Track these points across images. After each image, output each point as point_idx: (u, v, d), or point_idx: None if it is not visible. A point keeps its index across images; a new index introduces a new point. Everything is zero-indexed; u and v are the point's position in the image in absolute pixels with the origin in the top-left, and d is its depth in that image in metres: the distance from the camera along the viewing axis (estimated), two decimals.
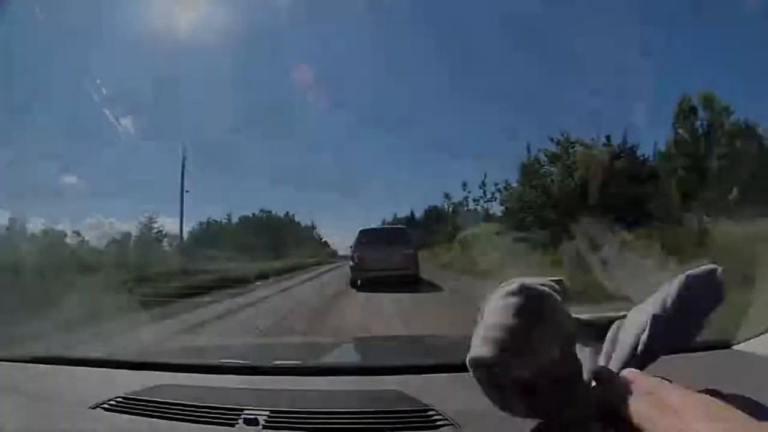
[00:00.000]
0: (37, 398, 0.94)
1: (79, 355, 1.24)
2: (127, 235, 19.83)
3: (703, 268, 0.65)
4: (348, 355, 1.51)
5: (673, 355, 0.93)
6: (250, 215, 25.55)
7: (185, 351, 1.83)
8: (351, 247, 8.80)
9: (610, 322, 0.71)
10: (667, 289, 0.62)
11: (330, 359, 1.35)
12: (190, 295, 6.81)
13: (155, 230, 20.76)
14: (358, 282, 7.86)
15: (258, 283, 9.49)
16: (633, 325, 0.62)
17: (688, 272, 0.63)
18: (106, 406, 0.87)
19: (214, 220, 25.15)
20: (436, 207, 21.77)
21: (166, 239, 20.90)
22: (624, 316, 0.74)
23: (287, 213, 27.08)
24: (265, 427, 0.77)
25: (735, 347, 1.01)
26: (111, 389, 0.92)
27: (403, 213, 22.96)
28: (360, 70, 21.06)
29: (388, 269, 7.62)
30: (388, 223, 20.20)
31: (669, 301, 0.60)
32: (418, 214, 22.66)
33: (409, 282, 7.59)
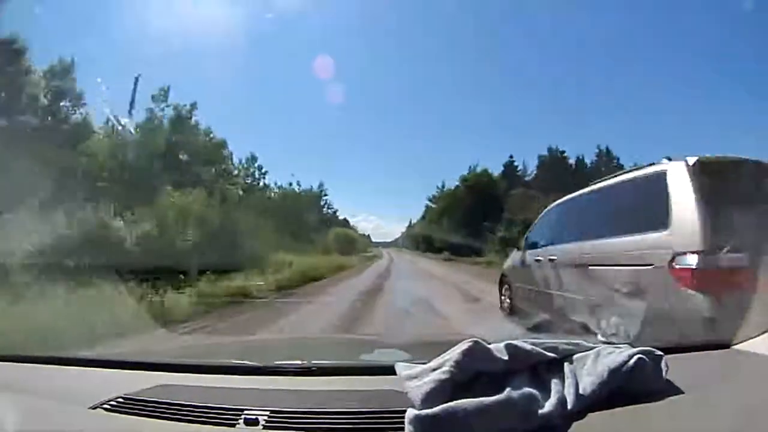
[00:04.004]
0: (37, 398, 0.93)
1: (79, 355, 1.24)
2: None
3: (653, 352, 0.80)
4: (348, 355, 1.51)
5: (674, 355, 0.93)
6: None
7: (185, 351, 1.83)
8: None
9: (567, 354, 0.83)
10: (615, 359, 0.76)
11: (330, 359, 1.35)
12: None
13: None
14: None
15: None
16: (589, 374, 0.76)
17: (639, 354, 0.77)
18: (106, 406, 0.87)
19: None
20: (563, 152, 13.13)
21: None
22: (582, 348, 0.85)
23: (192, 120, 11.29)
24: (265, 428, 0.77)
25: (735, 347, 1.01)
26: (111, 389, 0.92)
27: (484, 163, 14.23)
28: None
29: None
30: (462, 178, 13.43)
31: (617, 374, 0.74)
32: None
33: None
